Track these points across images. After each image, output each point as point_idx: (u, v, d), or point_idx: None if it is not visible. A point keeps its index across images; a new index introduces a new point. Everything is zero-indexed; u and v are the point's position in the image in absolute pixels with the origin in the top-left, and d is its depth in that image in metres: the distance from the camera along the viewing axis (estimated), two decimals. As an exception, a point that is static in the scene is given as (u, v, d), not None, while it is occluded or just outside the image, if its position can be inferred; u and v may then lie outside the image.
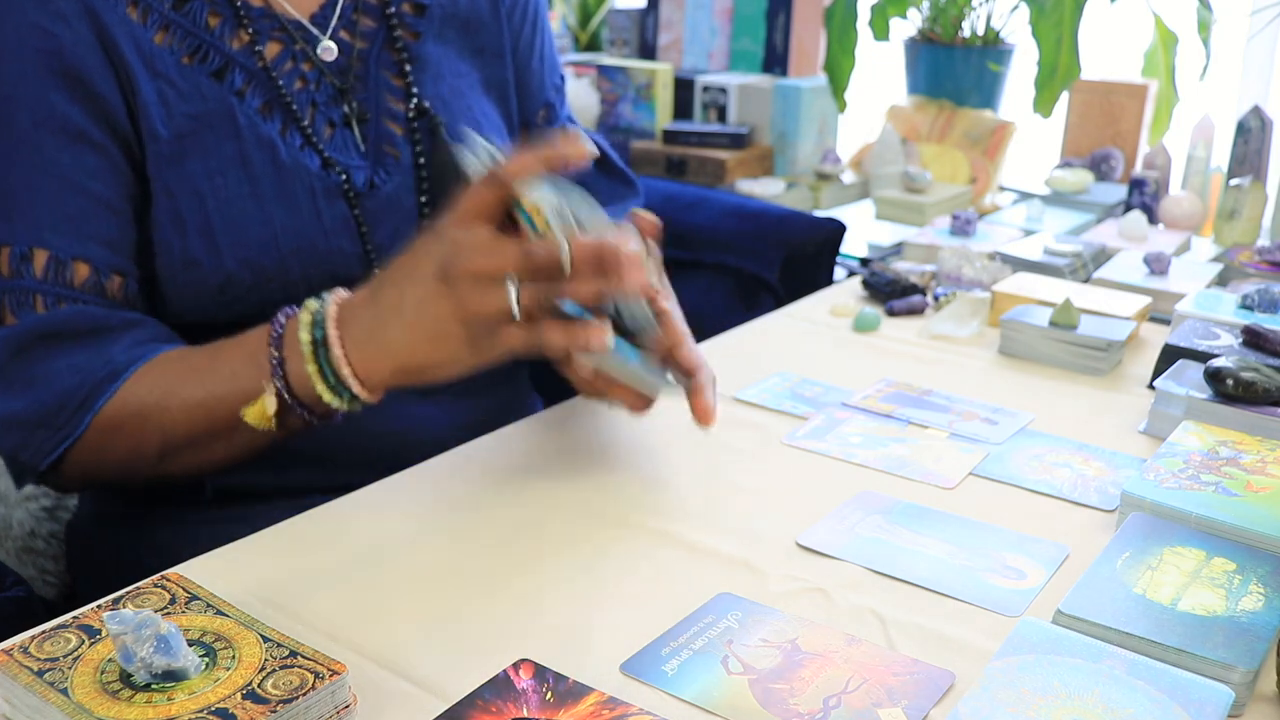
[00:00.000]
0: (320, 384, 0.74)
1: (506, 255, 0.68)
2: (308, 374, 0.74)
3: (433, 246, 0.71)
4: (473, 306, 0.69)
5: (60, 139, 0.80)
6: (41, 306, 0.79)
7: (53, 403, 0.79)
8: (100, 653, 0.54)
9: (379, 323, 0.73)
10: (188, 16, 0.85)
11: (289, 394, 0.75)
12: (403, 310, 0.72)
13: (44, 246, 0.79)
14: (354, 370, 0.74)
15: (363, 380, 0.74)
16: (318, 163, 0.88)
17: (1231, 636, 0.60)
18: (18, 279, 0.79)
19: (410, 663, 0.60)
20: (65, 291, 0.80)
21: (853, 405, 0.94)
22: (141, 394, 0.79)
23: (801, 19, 2.01)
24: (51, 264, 0.80)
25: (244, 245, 0.84)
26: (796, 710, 0.57)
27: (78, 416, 0.78)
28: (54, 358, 0.79)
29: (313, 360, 0.74)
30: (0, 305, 0.79)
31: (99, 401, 0.78)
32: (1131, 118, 1.80)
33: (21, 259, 0.79)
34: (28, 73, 0.79)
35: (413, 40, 0.95)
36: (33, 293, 0.79)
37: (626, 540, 0.73)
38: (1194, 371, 0.92)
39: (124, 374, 0.79)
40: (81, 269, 0.81)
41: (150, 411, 0.79)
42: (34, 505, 1.03)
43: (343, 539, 0.73)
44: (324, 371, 0.74)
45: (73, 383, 0.78)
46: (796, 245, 1.42)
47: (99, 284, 0.81)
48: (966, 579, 0.69)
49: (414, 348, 0.72)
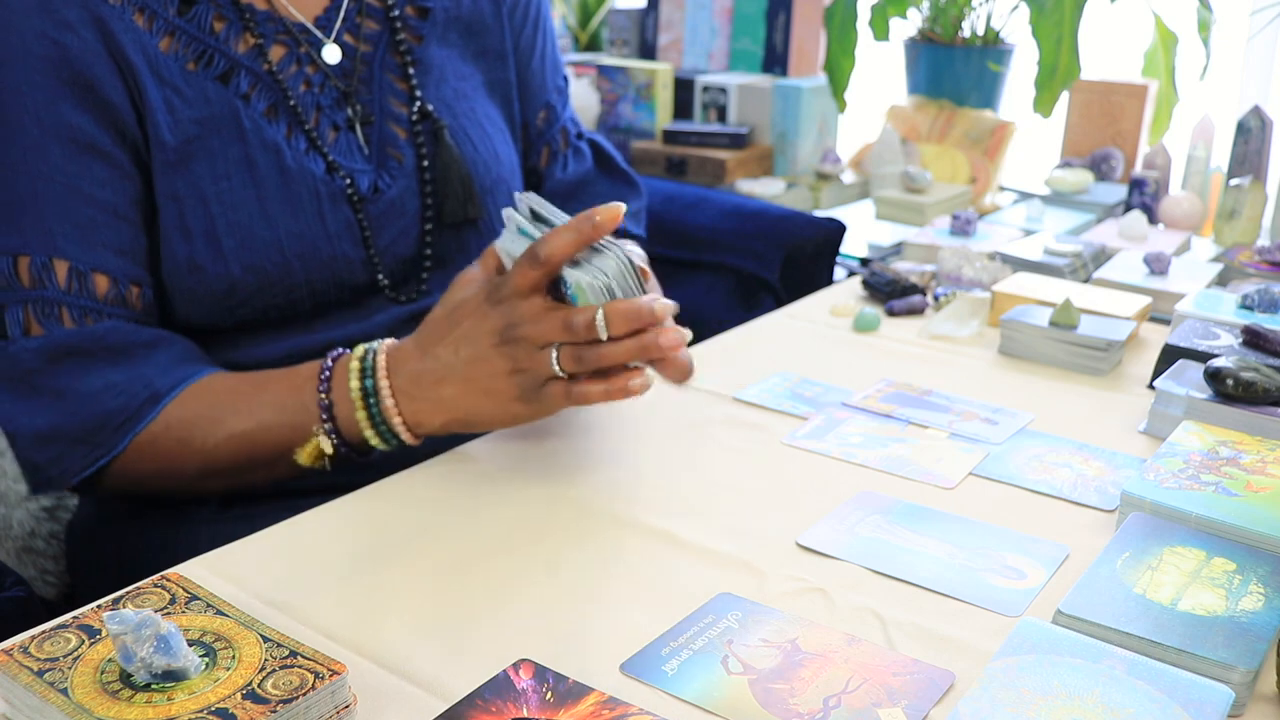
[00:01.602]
0: (369, 430, 0.79)
1: (557, 325, 0.75)
2: (357, 420, 0.79)
3: (491, 310, 0.76)
4: (529, 367, 0.76)
5: (69, 148, 0.80)
6: (69, 320, 0.80)
7: (92, 421, 0.80)
8: (100, 653, 0.54)
9: (432, 378, 0.78)
10: (193, 22, 0.85)
11: (336, 436, 0.80)
12: (455, 367, 0.77)
13: (62, 256, 0.80)
14: (404, 420, 0.79)
15: (411, 429, 0.79)
16: (322, 167, 0.88)
17: (1231, 636, 0.60)
18: (40, 289, 0.80)
19: (410, 663, 0.60)
20: (91, 304, 0.81)
21: (853, 405, 0.94)
22: (186, 419, 0.81)
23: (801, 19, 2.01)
24: (73, 276, 0.80)
25: (249, 250, 0.85)
26: (796, 710, 0.57)
27: (117, 436, 0.80)
28: (87, 374, 0.80)
29: (363, 408, 0.79)
30: (25, 315, 0.80)
31: (140, 424, 0.80)
32: (1131, 118, 1.80)
33: (42, 268, 0.80)
34: (35, 81, 0.79)
35: (416, 43, 0.95)
36: (58, 304, 0.80)
37: (626, 540, 0.73)
38: (1194, 371, 0.92)
39: (166, 397, 0.81)
40: (102, 281, 0.82)
41: (193, 438, 0.81)
42: (34, 505, 1.03)
43: (343, 539, 0.73)
44: (374, 419, 0.79)
45: (114, 404, 0.80)
46: (796, 245, 1.42)
47: (120, 296, 0.82)
48: (966, 579, 0.69)
49: (466, 402, 0.78)
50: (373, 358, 0.79)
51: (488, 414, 0.79)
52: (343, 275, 0.89)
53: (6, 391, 0.81)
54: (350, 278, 0.89)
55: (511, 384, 0.77)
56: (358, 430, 0.80)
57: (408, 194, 0.92)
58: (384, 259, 0.91)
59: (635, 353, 0.75)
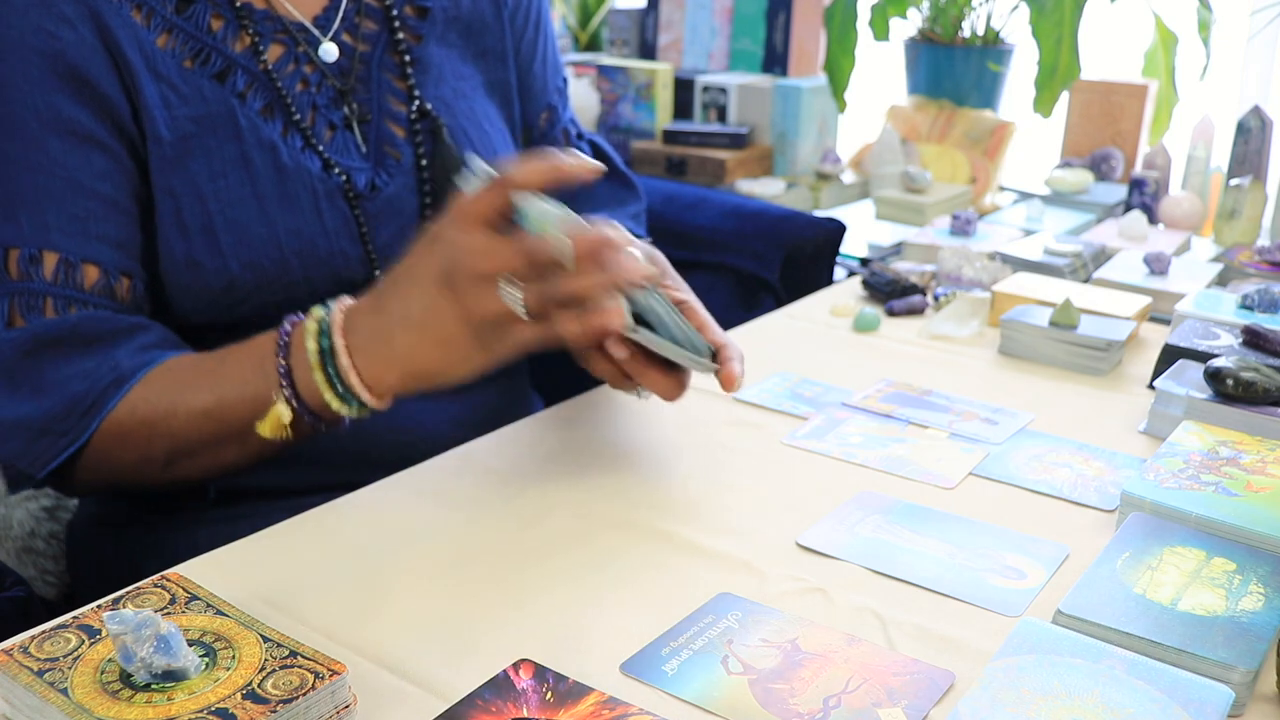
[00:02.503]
0: (328, 392, 0.75)
1: (505, 256, 0.68)
2: (315, 383, 0.75)
3: (432, 251, 0.71)
4: (477, 308, 0.69)
5: (68, 141, 0.80)
6: (51, 310, 0.79)
7: (58, 409, 0.78)
8: (100, 653, 0.54)
9: (385, 330, 0.73)
10: (190, 20, 0.85)
11: (297, 402, 0.76)
12: (408, 316, 0.72)
13: (53, 249, 0.80)
14: (362, 378, 0.74)
15: (371, 388, 0.75)
16: (318, 165, 0.88)
17: (1231, 636, 0.60)
18: (26, 281, 0.79)
19: (410, 663, 0.60)
20: (75, 294, 0.80)
21: (853, 405, 0.94)
22: (150, 400, 0.79)
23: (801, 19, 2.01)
24: (61, 266, 0.80)
25: (246, 247, 0.85)
26: (796, 710, 0.57)
27: (83, 423, 0.78)
28: (62, 364, 0.79)
29: (320, 369, 0.74)
30: (10, 307, 0.79)
31: (105, 408, 0.78)
32: (1131, 118, 1.80)
33: (30, 260, 0.79)
34: (33, 76, 0.79)
35: (415, 43, 0.95)
36: (42, 295, 0.79)
37: (626, 540, 0.73)
38: (1194, 371, 0.92)
39: (130, 380, 0.79)
40: (91, 271, 0.81)
41: (158, 418, 0.79)
42: (34, 505, 1.03)
43: (343, 539, 0.73)
44: (332, 380, 0.74)
45: (80, 389, 0.78)
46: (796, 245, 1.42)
47: (108, 286, 0.81)
48: (966, 579, 0.69)
49: (421, 353, 0.72)
50: (328, 316, 0.75)
51: (444, 365, 0.73)
52: (341, 272, 0.89)
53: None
54: (349, 274, 0.89)
55: (465, 330, 0.71)
56: (318, 394, 0.75)
57: (406, 192, 0.92)
58: (383, 256, 0.91)
59: (604, 284, 0.68)
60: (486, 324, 0.70)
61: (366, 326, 0.74)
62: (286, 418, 0.76)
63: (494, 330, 0.71)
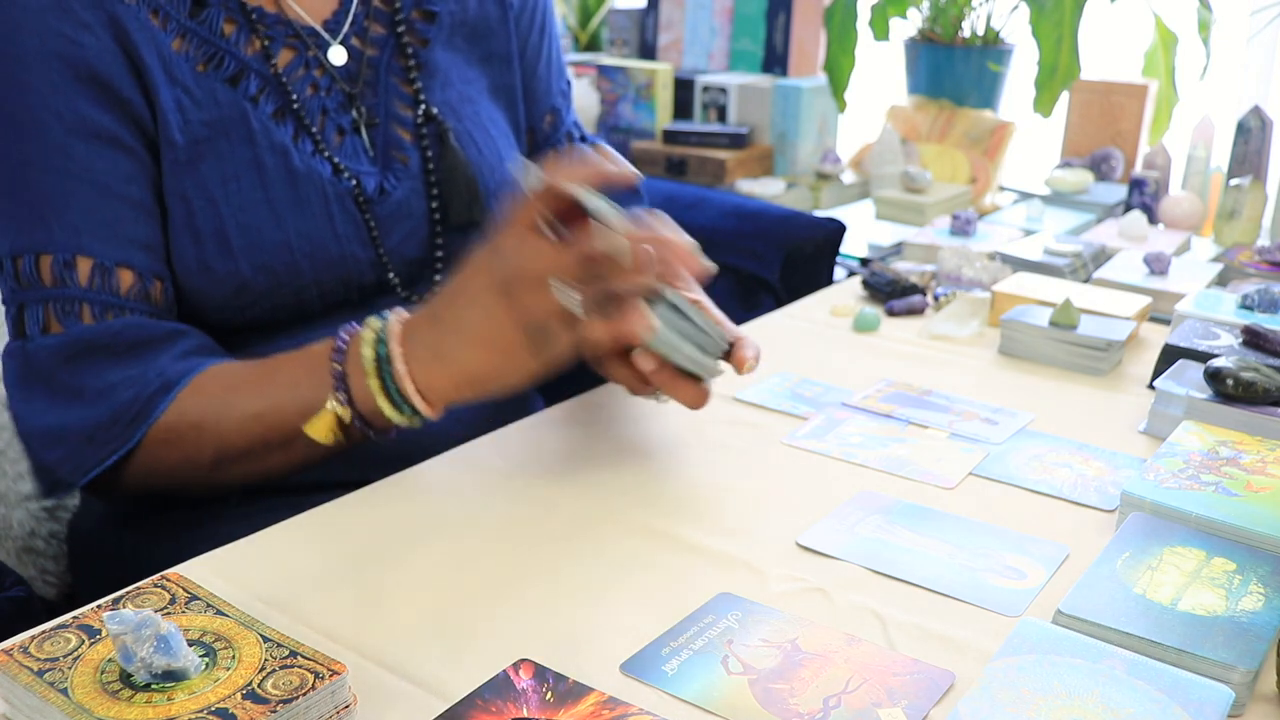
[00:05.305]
0: (382, 399, 0.76)
1: (561, 257, 0.70)
2: (370, 389, 0.76)
3: (490, 260, 0.73)
4: (533, 309, 0.71)
5: (94, 145, 0.80)
6: (89, 316, 0.80)
7: (105, 418, 0.79)
8: (100, 653, 0.54)
9: (441, 339, 0.75)
10: (204, 24, 0.85)
11: (351, 408, 0.77)
12: (465, 325, 0.74)
13: (86, 254, 0.80)
14: (417, 386, 0.75)
15: (425, 395, 0.76)
16: (329, 169, 0.88)
17: (1231, 636, 0.60)
18: (62, 287, 0.79)
19: (410, 663, 0.60)
20: (113, 300, 0.80)
21: (853, 405, 0.94)
22: (201, 405, 0.79)
23: (801, 19, 2.01)
24: (96, 271, 0.80)
25: (258, 250, 0.85)
26: (796, 710, 0.57)
27: (129, 430, 0.79)
28: (104, 371, 0.79)
29: (375, 375, 0.76)
30: (46, 313, 0.79)
31: (152, 415, 0.79)
32: (1131, 118, 1.80)
33: (65, 266, 0.79)
34: (55, 81, 0.79)
35: (422, 47, 0.96)
36: (79, 301, 0.80)
37: (626, 540, 0.73)
38: (1194, 371, 0.92)
39: (177, 385, 0.79)
40: (126, 276, 0.81)
41: (207, 423, 0.79)
42: (34, 505, 1.03)
43: (343, 539, 0.73)
44: (387, 387, 0.76)
45: (127, 396, 0.79)
46: (796, 245, 1.42)
47: (144, 290, 0.82)
48: (966, 579, 0.69)
49: (476, 361, 0.74)
50: (386, 325, 0.77)
51: (499, 372, 0.75)
52: (352, 275, 0.89)
53: (23, 391, 0.81)
54: (359, 278, 0.90)
55: (520, 336, 0.72)
56: (371, 400, 0.76)
57: (414, 196, 0.92)
58: (393, 259, 0.91)
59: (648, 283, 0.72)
60: (542, 328, 0.72)
61: (423, 336, 0.76)
62: (345, 418, 0.77)
63: (547, 335, 0.72)
